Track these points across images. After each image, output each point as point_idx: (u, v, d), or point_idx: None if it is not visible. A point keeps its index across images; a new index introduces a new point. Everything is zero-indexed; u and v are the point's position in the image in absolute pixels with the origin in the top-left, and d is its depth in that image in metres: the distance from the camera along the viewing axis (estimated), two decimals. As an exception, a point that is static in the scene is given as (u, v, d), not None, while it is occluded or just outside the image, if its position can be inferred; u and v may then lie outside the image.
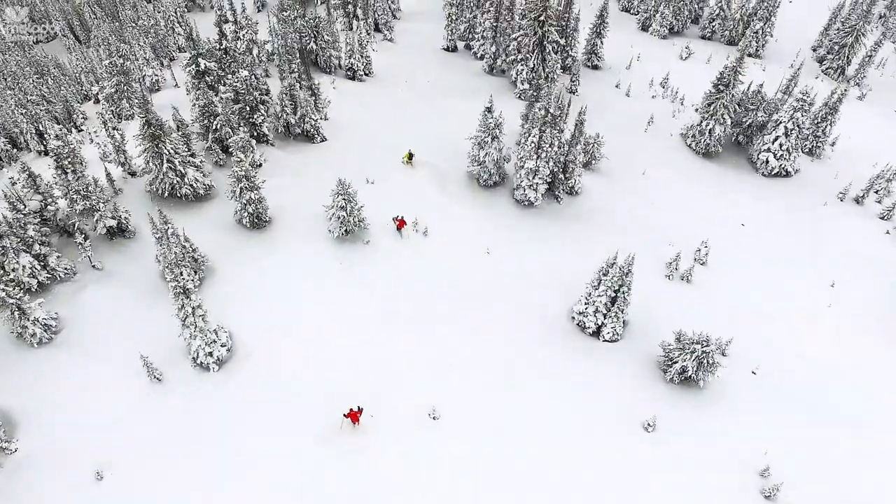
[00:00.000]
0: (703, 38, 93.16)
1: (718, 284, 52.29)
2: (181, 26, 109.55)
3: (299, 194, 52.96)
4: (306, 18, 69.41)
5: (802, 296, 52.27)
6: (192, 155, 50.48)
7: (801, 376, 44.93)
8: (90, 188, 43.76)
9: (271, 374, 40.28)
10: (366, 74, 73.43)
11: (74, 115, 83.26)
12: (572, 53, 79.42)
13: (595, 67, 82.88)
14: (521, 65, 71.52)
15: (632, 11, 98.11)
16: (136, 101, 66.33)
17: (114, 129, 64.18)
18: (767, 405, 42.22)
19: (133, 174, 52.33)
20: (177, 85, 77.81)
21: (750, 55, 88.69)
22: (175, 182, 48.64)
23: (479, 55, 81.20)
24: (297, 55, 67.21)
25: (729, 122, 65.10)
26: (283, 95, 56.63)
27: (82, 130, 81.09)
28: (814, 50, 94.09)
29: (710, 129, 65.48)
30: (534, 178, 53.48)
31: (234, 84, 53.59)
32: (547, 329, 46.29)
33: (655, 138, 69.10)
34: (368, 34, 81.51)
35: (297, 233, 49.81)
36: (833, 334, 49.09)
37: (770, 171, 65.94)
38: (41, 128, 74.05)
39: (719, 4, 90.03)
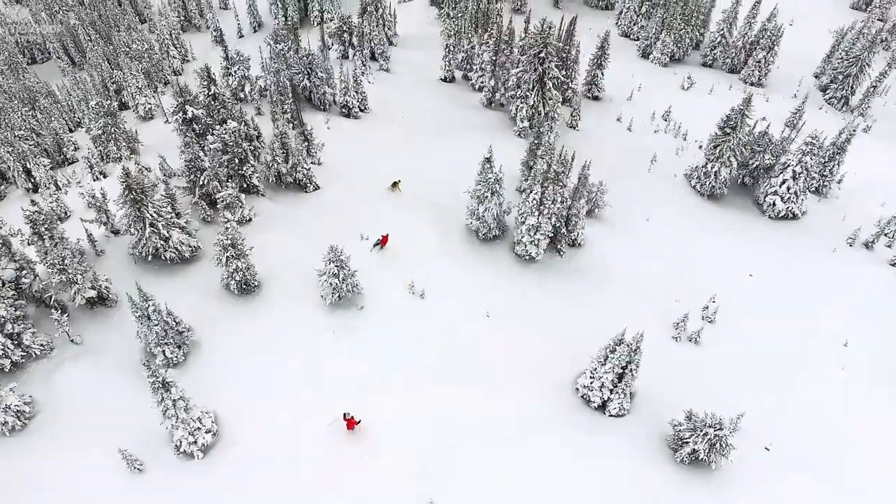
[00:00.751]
0: (704, 65, 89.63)
1: (728, 346, 48.98)
2: (176, 48, 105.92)
3: (291, 253, 49.52)
4: (300, 55, 65.59)
5: (815, 357, 49.08)
6: (178, 215, 46.92)
7: (816, 450, 42.00)
8: (67, 261, 40.03)
9: (259, 460, 37.18)
10: (361, 110, 69.79)
11: (65, 148, 79.57)
12: (572, 86, 75.81)
13: (595, 98, 79.40)
14: (521, 101, 67.90)
15: (631, 37, 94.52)
16: (124, 140, 62.67)
17: (96, 177, 60.93)
18: (782, 486, 39.10)
19: (116, 232, 48.72)
20: (167, 121, 73.49)
21: (752, 84, 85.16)
22: (159, 245, 45.01)
23: (477, 87, 77.66)
24: (290, 92, 63.69)
25: (735, 164, 61.60)
26: (275, 144, 52.92)
27: (73, 162, 77.72)
28: (816, 77, 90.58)
29: (715, 172, 62.13)
30: (535, 233, 50.04)
31: (223, 136, 49.88)
32: (550, 401, 43.22)
33: (659, 179, 65.66)
34: (364, 64, 77.77)
35: (288, 298, 46.43)
36: (848, 401, 45.74)
37: (777, 214, 62.66)
38: (29, 165, 70.16)
39: (721, 32, 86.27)
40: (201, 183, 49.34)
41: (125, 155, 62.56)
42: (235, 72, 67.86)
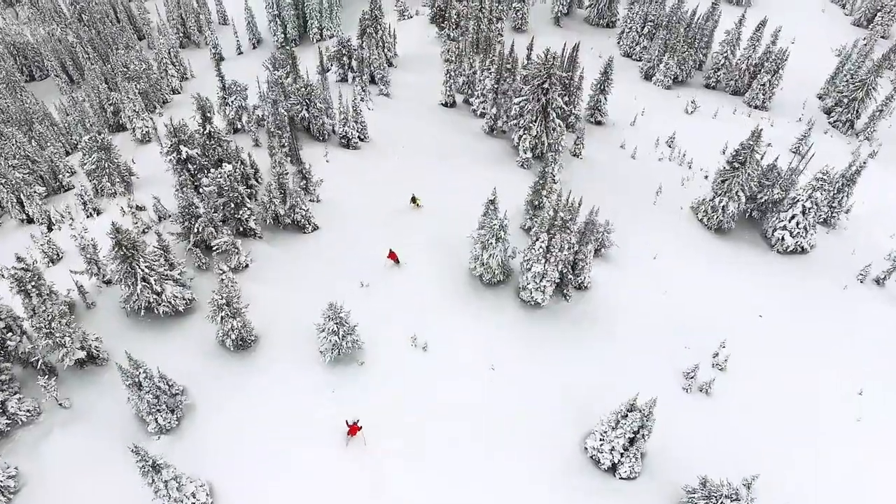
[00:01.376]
0: (707, 86, 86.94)
1: (740, 397, 46.58)
2: (175, 66, 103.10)
3: (289, 303, 47.00)
4: (298, 86, 62.85)
5: (829, 408, 46.71)
6: (171, 266, 44.32)
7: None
8: (54, 324, 37.42)
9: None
10: (361, 139, 67.12)
11: (60, 175, 76.85)
12: (575, 111, 73.16)
13: (598, 123, 76.78)
14: (524, 132, 65.24)
15: (634, 57, 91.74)
16: (118, 175, 59.97)
17: (89, 214, 58.25)
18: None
19: (108, 282, 46.11)
20: (162, 151, 70.53)
21: (756, 107, 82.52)
22: (152, 300, 42.39)
23: (478, 112, 74.88)
24: (288, 126, 61.11)
25: (743, 198, 58.98)
26: (272, 186, 50.25)
27: (69, 189, 75.01)
28: (820, 98, 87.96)
29: (723, 206, 59.51)
30: (541, 281, 47.43)
31: (218, 180, 47.21)
32: (558, 462, 40.94)
33: (665, 211, 63.06)
34: (364, 90, 74.99)
35: (286, 353, 43.92)
36: (864, 458, 43.34)
37: (785, 249, 60.06)
38: (22, 197, 67.41)
39: (724, 54, 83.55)
40: (196, 230, 46.60)
41: (119, 191, 59.74)
42: (232, 102, 65.06)
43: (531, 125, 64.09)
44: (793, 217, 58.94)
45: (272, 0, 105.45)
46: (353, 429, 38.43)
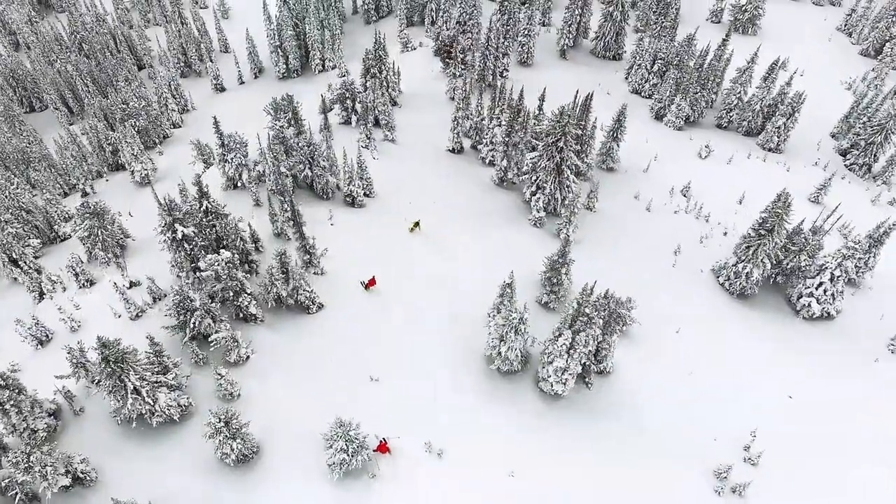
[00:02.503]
0: (719, 126, 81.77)
1: (775, 497, 41.61)
2: (175, 99, 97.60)
3: (293, 402, 42.23)
4: (300, 144, 57.67)
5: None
6: (165, 370, 39.25)
7: None
8: (34, 457, 32.38)
9: None
10: (366, 195, 61.91)
11: (56, 226, 71.65)
12: (587, 160, 67.99)
13: (610, 169, 71.64)
14: (538, 190, 60.25)
15: (643, 94, 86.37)
16: (112, 241, 54.83)
17: (82, 285, 53.23)
18: None
19: (97, 382, 40.92)
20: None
21: (770, 150, 77.42)
22: (145, 411, 37.36)
23: (486, 160, 69.65)
24: (291, 180, 56.22)
25: (769, 265, 54.05)
26: (273, 269, 45.18)
27: (65, 238, 69.94)
28: (833, 137, 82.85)
29: (746, 273, 54.48)
30: (563, 374, 42.47)
31: (215, 267, 42.10)
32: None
33: (685, 275, 58.20)
34: (369, 137, 69.73)
35: (290, 465, 39.15)
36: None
37: (811, 316, 55.18)
38: (14, 255, 62.16)
39: (737, 94, 78.34)
40: (192, 325, 41.52)
41: (113, 258, 54.59)
42: (231, 159, 59.82)
43: (544, 184, 58.98)
44: (820, 284, 54.13)
45: (274, 31, 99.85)
46: (383, 447, 38.88)
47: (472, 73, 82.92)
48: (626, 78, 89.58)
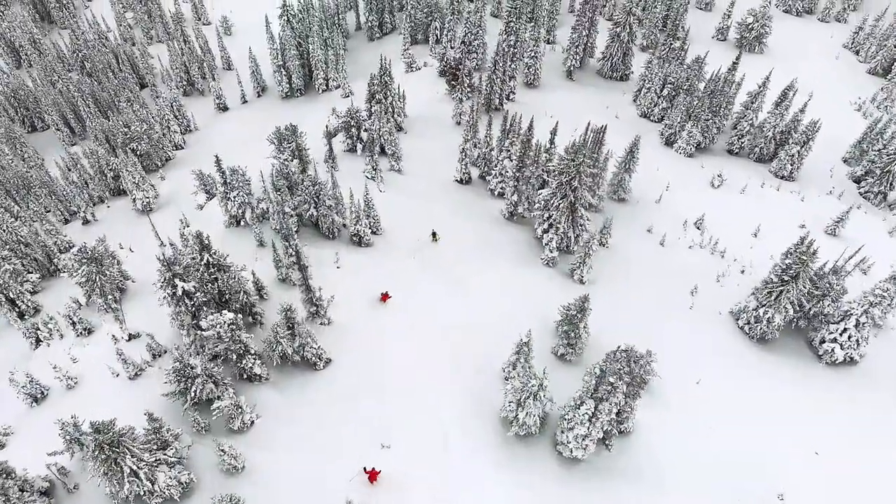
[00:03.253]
0: (730, 152, 78.36)
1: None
2: (177, 120, 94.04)
3: (300, 473, 38.74)
4: (305, 184, 54.28)
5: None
6: (165, 445, 35.88)
7: None
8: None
9: None
10: (373, 233, 58.53)
11: (56, 260, 68.21)
12: (599, 192, 64.61)
13: (621, 200, 68.24)
14: (551, 230, 56.89)
15: (651, 118, 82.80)
16: (110, 287, 51.46)
17: (79, 333, 49.83)
18: None
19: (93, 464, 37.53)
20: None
21: (783, 177, 74.03)
22: (143, 492, 34.02)
23: (496, 192, 66.25)
24: (297, 219, 53.05)
25: (791, 311, 50.74)
26: (279, 326, 41.83)
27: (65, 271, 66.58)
28: (845, 162, 79.44)
29: (768, 318, 51.14)
30: (584, 440, 39.17)
31: (218, 330, 38.74)
32: None
33: (702, 317, 54.93)
34: (375, 169, 66.32)
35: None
36: None
37: (834, 361, 51.90)
38: (12, 294, 58.92)
39: (749, 121, 74.89)
40: (194, 393, 38.18)
41: (111, 305, 51.24)
42: (234, 198, 56.42)
43: (558, 223, 55.59)
44: (844, 330, 50.85)
45: (277, 51, 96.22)
46: (373, 474, 37.95)
47: (478, 98, 79.43)
48: (635, 101, 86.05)
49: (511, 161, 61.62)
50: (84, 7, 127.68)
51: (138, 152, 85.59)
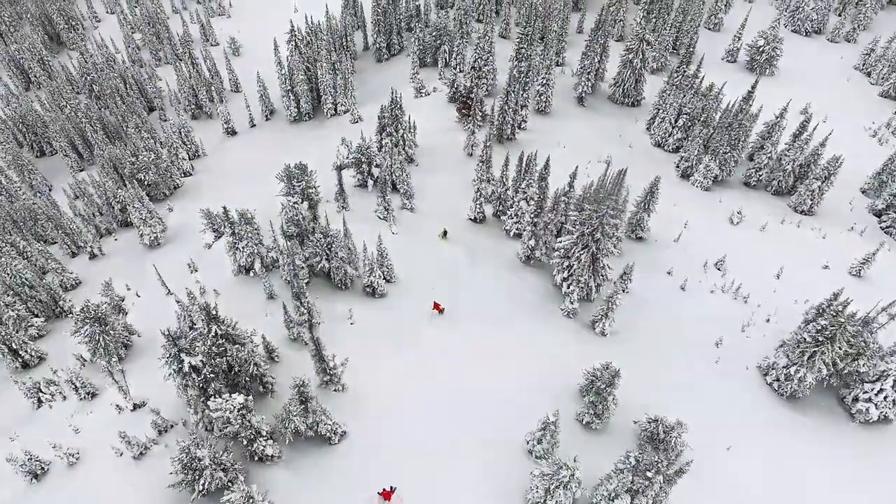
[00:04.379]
0: (747, 184, 74.04)
1: None
2: (186, 147, 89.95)
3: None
4: (317, 236, 50.25)
5: None
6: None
7: None
8: None
9: None
10: (386, 280, 54.50)
11: (61, 301, 64.41)
12: (617, 234, 60.41)
13: (639, 239, 64.15)
14: (570, 276, 52.79)
15: (666, 148, 78.48)
16: (115, 346, 47.53)
17: (82, 397, 45.98)
18: None
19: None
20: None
21: (803, 212, 69.83)
22: None
23: (511, 232, 62.17)
24: (308, 270, 49.18)
25: (825, 370, 46.67)
26: (291, 401, 37.88)
27: (70, 314, 62.66)
28: (863, 192, 75.25)
29: (800, 378, 47.12)
30: (617, 531, 35.21)
31: (227, 415, 34.76)
32: None
33: (728, 373, 51.00)
34: (387, 209, 62.30)
35: None
36: None
37: (867, 420, 47.89)
38: (14, 345, 55.13)
39: (767, 154, 70.62)
40: (203, 486, 34.24)
41: (114, 369, 47.36)
42: (243, 248, 52.43)
43: (580, 276, 51.52)
44: (881, 391, 46.81)
45: (285, 76, 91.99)
46: (386, 495, 36.77)
47: (490, 129, 75.23)
48: (648, 129, 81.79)
49: (528, 204, 57.50)
50: (93, 28, 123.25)
51: (146, 182, 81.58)
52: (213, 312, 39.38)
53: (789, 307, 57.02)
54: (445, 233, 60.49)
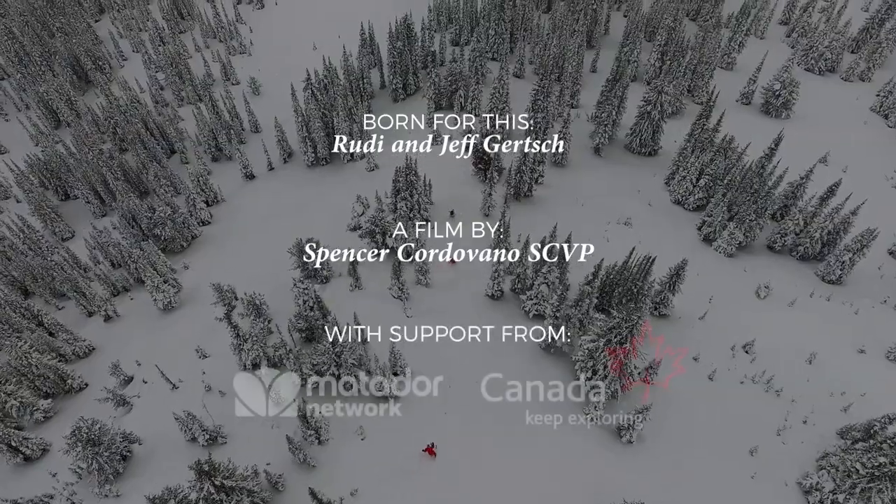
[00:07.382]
0: (770, 248, 64.97)
1: None
2: (204, 194, 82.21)
3: None
4: (327, 345, 42.41)
5: None
6: None
7: None
8: None
9: None
10: (397, 375, 46.52)
11: (69, 380, 57.43)
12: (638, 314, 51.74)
13: (663, 316, 55.64)
14: (595, 376, 44.65)
15: (686, 206, 69.45)
16: (111, 468, 40.11)
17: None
18: None
19: None
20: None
21: (831, 282, 60.88)
22: None
23: (530, 313, 53.89)
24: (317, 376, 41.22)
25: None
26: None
27: (81, 389, 55.81)
28: (891, 254, 66.00)
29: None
30: None
31: None
32: None
33: (767, 490, 43.07)
34: (401, 289, 54.24)
35: None
36: None
37: (922, 550, 39.39)
38: (13, 442, 48.21)
39: (795, 220, 61.53)
40: None
41: (114, 488, 40.02)
42: (248, 350, 44.76)
43: (610, 386, 43.28)
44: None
45: (301, 123, 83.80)
46: (430, 450, 38.00)
47: (508, 189, 66.89)
48: (667, 184, 72.67)
49: (549, 289, 49.17)
50: (119, 67, 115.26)
51: (162, 237, 74.21)
52: (205, 467, 31.59)
53: (825, 402, 48.62)
54: (452, 213, 64.90)
